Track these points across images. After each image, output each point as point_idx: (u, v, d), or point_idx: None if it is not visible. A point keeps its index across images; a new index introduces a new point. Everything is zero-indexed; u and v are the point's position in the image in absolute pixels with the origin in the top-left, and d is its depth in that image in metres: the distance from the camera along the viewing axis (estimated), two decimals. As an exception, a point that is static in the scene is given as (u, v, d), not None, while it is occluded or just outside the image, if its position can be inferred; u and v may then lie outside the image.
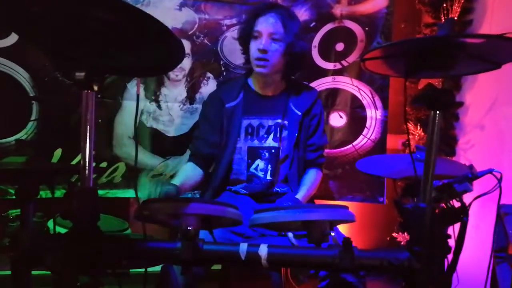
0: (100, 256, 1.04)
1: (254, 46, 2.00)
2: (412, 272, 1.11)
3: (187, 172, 2.04)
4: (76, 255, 1.03)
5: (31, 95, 2.29)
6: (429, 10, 2.80)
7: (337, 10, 2.59)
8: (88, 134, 1.06)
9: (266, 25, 1.97)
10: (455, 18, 2.70)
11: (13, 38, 2.22)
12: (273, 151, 2.05)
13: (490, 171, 1.31)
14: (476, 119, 2.75)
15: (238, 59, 2.42)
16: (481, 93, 2.71)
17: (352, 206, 1.34)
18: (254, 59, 1.99)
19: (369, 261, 1.14)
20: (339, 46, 2.63)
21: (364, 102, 2.67)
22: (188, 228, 1.12)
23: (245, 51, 2.08)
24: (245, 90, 2.10)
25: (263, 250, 1.13)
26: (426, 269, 1.10)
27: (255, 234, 1.81)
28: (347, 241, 1.12)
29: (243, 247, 1.13)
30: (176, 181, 1.94)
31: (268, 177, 2.03)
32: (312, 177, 2.09)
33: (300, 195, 1.97)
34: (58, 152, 2.31)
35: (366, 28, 2.61)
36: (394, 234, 2.88)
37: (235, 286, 2.22)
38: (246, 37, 2.03)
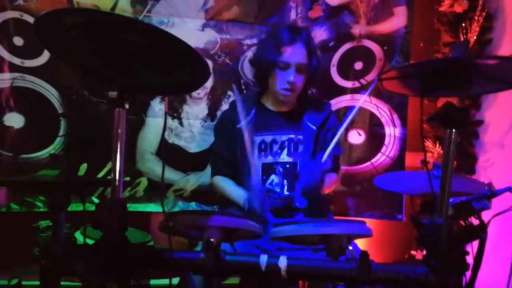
0: (128, 264, 1.09)
1: (281, 76, 2.00)
2: (429, 287, 1.12)
3: (228, 183, 2.11)
4: (105, 263, 1.08)
5: (60, 111, 2.39)
6: (447, 29, 2.79)
7: (356, 30, 2.63)
8: (118, 148, 1.13)
9: (294, 56, 1.98)
10: (474, 37, 2.71)
11: (43, 58, 2.33)
12: (287, 166, 2.08)
13: (509, 189, 1.33)
14: (496, 138, 2.72)
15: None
16: (501, 111, 2.69)
17: (370, 223, 1.36)
18: (282, 89, 2.02)
19: (386, 275, 1.15)
20: (358, 65, 2.67)
21: (383, 120, 2.69)
22: (211, 239, 1.17)
23: (262, 74, 2.09)
24: (257, 107, 2.13)
25: (282, 262, 1.16)
26: (443, 284, 1.11)
27: (273, 248, 1.83)
28: (364, 254, 1.15)
29: (263, 258, 1.17)
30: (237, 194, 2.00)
31: (286, 192, 2.06)
32: (328, 175, 2.11)
33: None
34: (84, 167, 2.40)
35: (385, 47, 2.64)
36: (413, 252, 2.85)
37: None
38: (270, 64, 2.01)
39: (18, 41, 2.31)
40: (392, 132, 2.69)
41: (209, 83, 2.55)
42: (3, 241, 2.21)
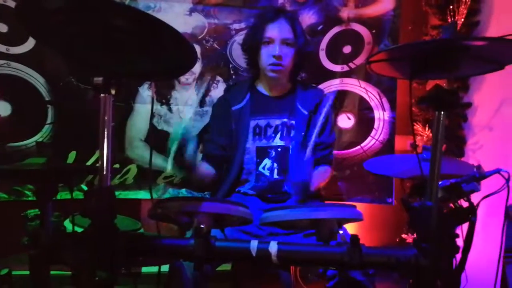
0: (117, 252, 1.08)
1: (266, 52, 2.02)
2: (419, 270, 1.12)
3: (202, 166, 2.06)
4: (94, 252, 1.07)
5: (47, 99, 2.35)
6: (435, 12, 2.79)
7: (344, 13, 2.62)
8: (106, 136, 1.11)
9: (277, 31, 2.00)
10: (462, 19, 2.71)
11: (29, 44, 2.29)
12: (279, 149, 2.07)
13: (497, 171, 1.32)
14: (485, 120, 2.74)
15: (246, 62, 2.47)
16: (489, 94, 2.71)
17: (361, 207, 1.36)
18: (268, 65, 2.02)
19: (377, 258, 1.16)
20: (347, 49, 2.66)
21: (372, 103, 2.69)
22: (201, 226, 1.16)
23: (252, 57, 2.11)
24: (251, 92, 2.13)
25: (273, 247, 1.16)
26: (433, 267, 1.11)
27: (263, 233, 1.83)
28: (354, 238, 1.15)
29: (254, 244, 1.16)
30: None
31: (275, 176, 2.05)
32: (321, 170, 2.08)
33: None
34: (72, 154, 2.38)
35: (373, 31, 2.64)
36: (404, 235, 2.88)
37: (245, 286, 2.24)
38: (255, 43, 2.05)
39: (2, 27, 2.27)
40: (381, 115, 2.70)
41: (197, 69, 2.53)
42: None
